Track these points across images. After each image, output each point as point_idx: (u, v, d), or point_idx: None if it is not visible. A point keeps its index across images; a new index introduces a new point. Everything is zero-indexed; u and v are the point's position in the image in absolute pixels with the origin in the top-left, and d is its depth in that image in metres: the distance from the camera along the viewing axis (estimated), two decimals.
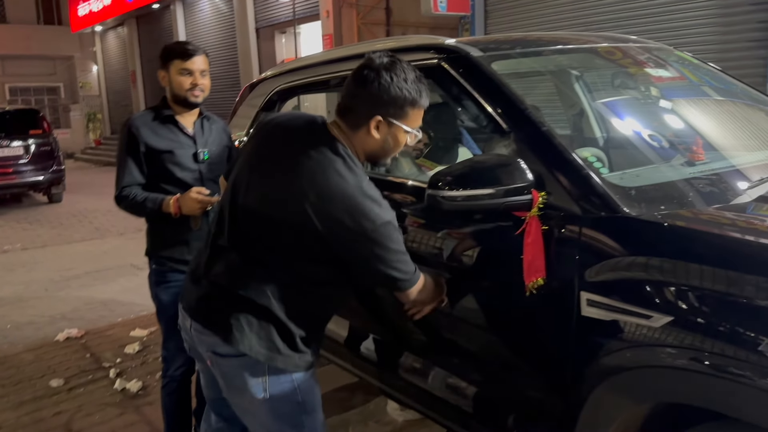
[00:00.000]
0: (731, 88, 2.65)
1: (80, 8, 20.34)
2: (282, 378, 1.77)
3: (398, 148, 1.79)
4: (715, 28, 5.79)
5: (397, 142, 1.75)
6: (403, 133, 1.74)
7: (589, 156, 1.92)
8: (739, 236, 1.54)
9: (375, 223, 1.63)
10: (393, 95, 1.67)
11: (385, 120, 1.69)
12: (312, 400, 1.85)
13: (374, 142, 1.73)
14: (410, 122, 1.74)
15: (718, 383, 1.41)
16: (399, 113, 1.70)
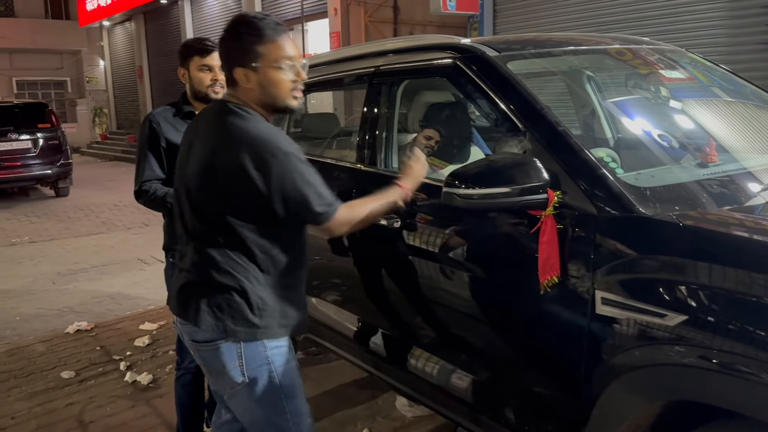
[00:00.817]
0: (743, 91, 2.66)
1: (88, 3, 20.37)
2: (258, 360, 1.82)
3: (282, 87, 1.79)
4: (724, 30, 5.79)
5: (274, 80, 1.78)
6: (272, 70, 1.77)
7: (604, 156, 1.94)
8: (754, 237, 1.55)
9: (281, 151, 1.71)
10: (236, 45, 1.77)
11: (245, 68, 1.76)
12: (290, 384, 1.89)
13: (254, 92, 1.79)
14: (270, 58, 1.76)
15: (732, 381, 1.42)
16: (252, 56, 1.75)
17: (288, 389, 1.89)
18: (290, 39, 1.82)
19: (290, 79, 1.79)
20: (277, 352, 1.86)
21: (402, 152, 2.75)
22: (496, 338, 2.09)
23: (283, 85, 1.79)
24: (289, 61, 1.78)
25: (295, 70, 1.80)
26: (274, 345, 1.85)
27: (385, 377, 2.61)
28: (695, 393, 1.53)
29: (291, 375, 1.90)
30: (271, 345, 1.84)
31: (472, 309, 2.15)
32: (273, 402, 1.88)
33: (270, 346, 1.84)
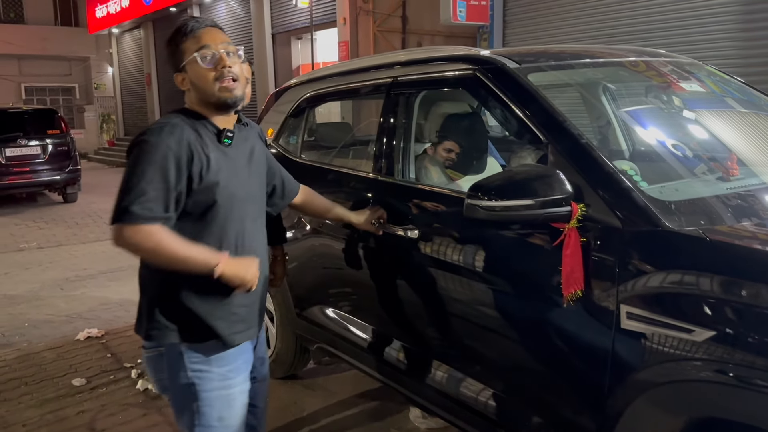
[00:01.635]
0: (760, 103, 2.65)
1: (98, 10, 20.51)
2: (179, 378, 1.79)
3: (206, 80, 1.75)
4: (737, 43, 5.78)
5: (200, 75, 1.76)
6: (192, 65, 1.76)
7: (628, 169, 1.93)
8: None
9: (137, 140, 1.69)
10: (168, 52, 1.82)
11: (179, 72, 1.79)
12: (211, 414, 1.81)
13: (192, 92, 1.79)
14: (188, 53, 1.77)
15: (761, 399, 1.41)
16: (178, 57, 1.78)
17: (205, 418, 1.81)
18: (211, 30, 1.78)
19: (212, 67, 1.74)
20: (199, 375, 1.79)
21: (418, 161, 2.75)
22: (516, 351, 2.08)
23: (205, 77, 1.74)
24: (204, 51, 1.74)
25: (214, 59, 1.74)
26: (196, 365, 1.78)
27: (400, 388, 2.59)
28: (722, 410, 1.51)
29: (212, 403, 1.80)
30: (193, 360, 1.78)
31: (491, 321, 2.13)
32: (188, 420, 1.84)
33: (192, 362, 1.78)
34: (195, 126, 1.74)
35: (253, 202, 1.90)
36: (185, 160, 1.67)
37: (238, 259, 1.76)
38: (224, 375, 1.82)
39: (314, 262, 3.02)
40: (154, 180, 1.62)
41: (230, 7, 15.06)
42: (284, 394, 3.39)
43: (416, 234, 2.33)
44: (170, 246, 1.65)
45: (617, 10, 6.81)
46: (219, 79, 1.73)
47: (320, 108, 3.39)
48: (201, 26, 1.78)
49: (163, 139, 1.65)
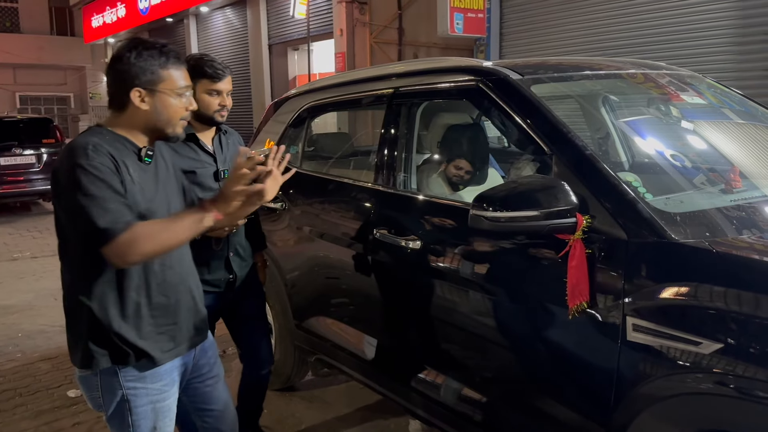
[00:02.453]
0: (759, 116, 2.66)
1: (94, 20, 20.51)
2: (113, 394, 1.80)
3: (175, 114, 1.79)
4: (732, 56, 5.82)
5: (172, 107, 1.78)
6: (171, 95, 1.77)
7: (632, 180, 1.93)
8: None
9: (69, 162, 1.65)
10: (139, 64, 1.74)
11: (145, 89, 1.75)
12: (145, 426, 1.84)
13: (146, 114, 1.76)
14: (171, 84, 1.77)
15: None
16: (153, 78, 1.75)
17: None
18: (186, 70, 1.84)
19: (184, 107, 1.81)
20: (133, 392, 1.81)
21: (420, 172, 2.74)
22: (519, 362, 2.07)
23: (178, 111, 1.80)
24: (189, 91, 1.82)
25: (188, 101, 1.83)
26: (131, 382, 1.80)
27: (400, 400, 2.57)
28: (730, 423, 1.51)
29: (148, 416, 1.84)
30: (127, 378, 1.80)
31: (493, 332, 2.12)
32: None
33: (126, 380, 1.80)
34: (114, 144, 1.74)
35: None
36: (115, 172, 1.69)
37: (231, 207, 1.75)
38: (159, 389, 1.86)
39: (314, 273, 3.01)
40: (107, 195, 1.64)
41: (227, 17, 15.10)
42: (282, 406, 3.36)
43: (418, 245, 2.33)
44: (168, 232, 1.69)
45: (613, 23, 6.86)
46: (184, 118, 1.83)
47: (317, 119, 3.39)
48: (183, 63, 1.83)
49: (93, 159, 1.65)
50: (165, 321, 1.84)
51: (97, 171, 1.64)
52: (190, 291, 1.91)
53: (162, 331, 1.83)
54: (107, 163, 1.67)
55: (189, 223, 1.72)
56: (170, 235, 1.70)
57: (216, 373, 2.09)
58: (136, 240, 1.63)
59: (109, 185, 1.65)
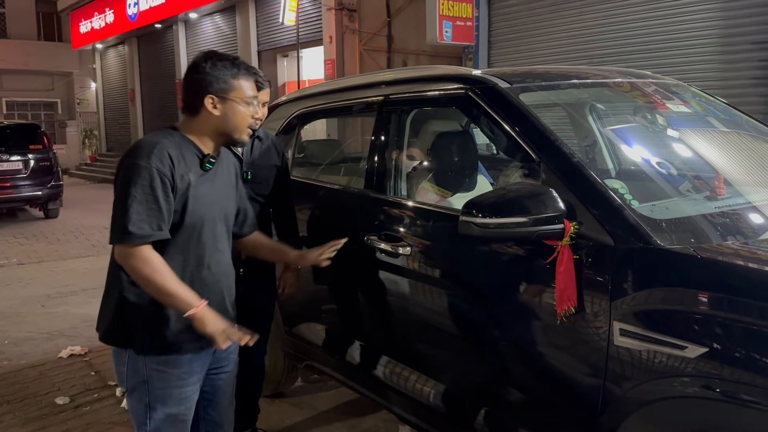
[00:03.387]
0: (744, 124, 2.71)
1: (82, 25, 20.43)
2: (137, 374, 1.92)
3: (244, 123, 1.96)
4: (717, 65, 5.91)
5: (241, 115, 1.95)
6: (240, 103, 1.93)
7: (619, 188, 1.96)
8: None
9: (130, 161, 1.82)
10: (214, 73, 1.91)
11: (218, 97, 1.90)
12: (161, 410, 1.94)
13: (217, 119, 1.92)
14: (241, 93, 1.94)
15: (753, 415, 1.43)
16: (226, 87, 1.91)
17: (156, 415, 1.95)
18: (254, 82, 2.02)
19: (251, 114, 1.97)
20: (154, 374, 1.91)
21: (410, 178, 2.76)
22: (508, 368, 2.08)
23: (246, 118, 1.96)
24: (256, 100, 1.99)
25: (255, 111, 1.99)
26: (153, 364, 1.90)
27: (390, 405, 2.58)
28: (715, 426, 1.53)
29: (165, 400, 1.94)
30: (150, 359, 1.90)
31: (483, 337, 2.14)
32: (139, 422, 1.97)
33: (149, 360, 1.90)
34: (181, 148, 1.89)
35: (225, 223, 2.05)
36: (169, 178, 1.82)
37: (216, 315, 1.88)
38: (178, 376, 1.95)
39: (305, 279, 3.01)
40: (146, 201, 1.78)
41: (216, 24, 15.10)
42: (272, 413, 3.35)
43: (408, 251, 2.34)
44: (162, 278, 1.81)
45: (600, 32, 6.95)
46: (250, 126, 1.99)
47: (307, 126, 3.41)
48: (252, 75, 2.01)
49: (153, 162, 1.80)
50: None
51: (151, 176, 1.79)
52: (221, 292, 2.03)
53: (190, 324, 1.89)
54: (164, 169, 1.81)
55: (176, 296, 1.83)
56: (161, 284, 1.81)
57: (231, 369, 2.20)
58: (141, 259, 1.79)
59: (154, 192, 1.79)
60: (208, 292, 1.95)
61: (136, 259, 1.80)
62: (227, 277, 2.07)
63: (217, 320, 1.88)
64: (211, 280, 1.98)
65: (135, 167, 1.79)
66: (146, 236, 1.79)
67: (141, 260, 1.80)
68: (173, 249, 1.89)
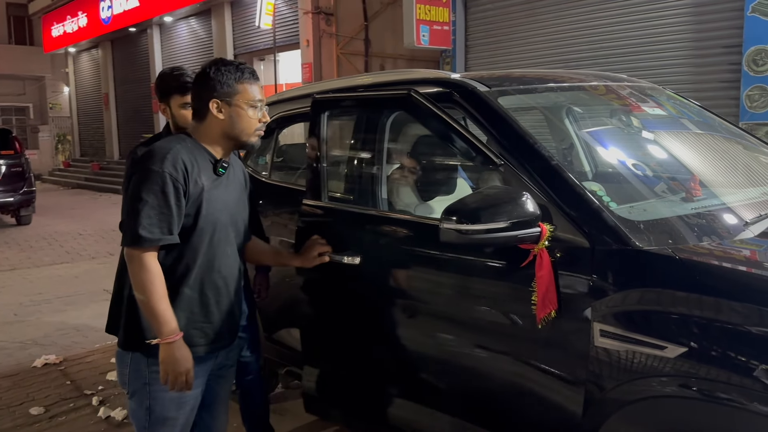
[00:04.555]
0: (718, 126, 2.75)
1: (54, 29, 20.15)
2: (139, 376, 1.94)
3: (250, 126, 1.97)
4: (689, 68, 6.02)
5: (246, 118, 1.96)
6: (245, 106, 1.95)
7: (597, 190, 1.97)
8: (750, 270, 1.60)
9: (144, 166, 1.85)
10: (216, 80, 1.94)
11: (221, 101, 1.93)
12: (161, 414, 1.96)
13: (224, 123, 1.95)
14: (246, 96, 1.95)
15: (733, 414, 1.45)
16: (229, 91, 1.93)
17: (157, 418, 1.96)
18: (260, 85, 2.02)
19: (257, 118, 1.98)
20: (156, 376, 1.90)
21: (390, 182, 2.75)
22: (492, 372, 2.08)
23: (251, 122, 1.97)
24: (262, 104, 1.99)
25: (262, 114, 2.00)
26: (155, 366, 1.89)
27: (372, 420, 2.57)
28: (694, 425, 1.55)
29: (165, 405, 1.95)
30: (152, 361, 1.90)
31: (463, 342, 2.14)
32: (139, 425, 1.99)
33: (152, 362, 1.91)
34: (194, 154, 1.92)
35: (235, 228, 2.06)
36: (182, 184, 1.85)
37: (184, 356, 1.87)
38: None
39: (284, 284, 2.99)
40: (158, 206, 1.82)
41: (191, 27, 14.99)
42: None
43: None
44: (154, 290, 1.83)
45: (575, 36, 7.03)
46: (258, 129, 2.00)
47: (285, 130, 3.39)
48: (257, 79, 2.01)
49: (166, 168, 1.83)
50: (201, 318, 1.97)
51: (163, 181, 1.82)
52: (229, 296, 2.04)
53: (196, 327, 1.95)
54: (176, 174, 1.84)
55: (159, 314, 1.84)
56: (149, 295, 1.83)
57: (230, 374, 2.22)
58: (143, 266, 1.83)
59: (166, 198, 1.82)
60: (218, 295, 1.99)
61: (139, 264, 1.83)
62: (237, 282, 2.09)
63: (187, 359, 1.87)
64: (222, 283, 2.01)
65: (148, 172, 1.83)
66: (156, 240, 1.83)
67: (143, 267, 1.83)
68: (187, 252, 1.92)
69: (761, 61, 5.37)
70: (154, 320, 1.84)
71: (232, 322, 2.08)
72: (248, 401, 2.84)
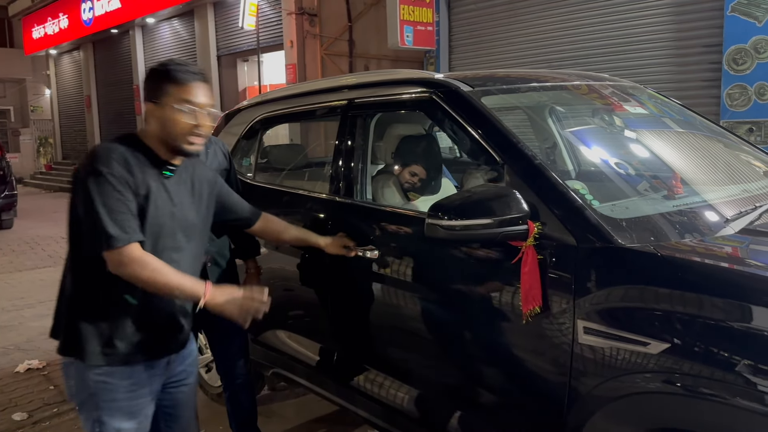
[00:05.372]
0: (698, 125, 2.79)
1: (35, 31, 19.92)
2: (84, 387, 1.85)
3: (180, 128, 1.82)
4: (670, 68, 6.07)
5: (175, 121, 1.82)
6: (173, 110, 1.81)
7: (580, 188, 1.99)
8: (731, 266, 1.62)
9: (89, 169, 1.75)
10: (150, 80, 1.86)
11: (150, 102, 1.84)
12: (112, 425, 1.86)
13: (155, 126, 1.85)
14: (175, 98, 1.81)
15: (714, 408, 1.47)
16: (158, 92, 1.82)
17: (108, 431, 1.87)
18: (205, 88, 1.87)
19: (190, 122, 1.83)
20: (102, 386, 1.83)
21: (375, 182, 2.76)
22: (476, 368, 2.10)
23: (181, 126, 1.83)
24: (192, 106, 1.83)
25: (198, 117, 1.84)
26: (100, 376, 1.83)
27: (359, 410, 2.57)
28: (677, 421, 1.56)
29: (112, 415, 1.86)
30: (97, 372, 1.83)
31: (449, 339, 2.15)
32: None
33: (96, 373, 1.83)
34: (137, 154, 1.83)
35: (186, 233, 1.94)
36: (130, 182, 1.77)
37: (230, 294, 1.85)
38: (127, 388, 1.87)
39: (270, 286, 2.98)
40: (115, 205, 1.74)
41: (174, 28, 14.88)
42: None
43: (375, 254, 2.34)
44: (164, 276, 1.77)
45: (558, 36, 7.07)
46: (189, 134, 1.84)
47: (269, 131, 3.38)
48: (194, 79, 1.85)
49: (113, 167, 1.75)
50: (145, 324, 1.87)
51: (114, 179, 1.74)
52: (176, 303, 1.95)
53: (140, 333, 1.86)
54: (123, 173, 1.76)
55: (183, 288, 1.80)
56: (164, 281, 1.77)
57: (191, 381, 2.12)
58: (136, 261, 1.74)
59: (121, 195, 1.74)
60: (160, 299, 1.87)
61: (134, 263, 1.74)
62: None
63: (234, 294, 1.85)
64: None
65: (96, 173, 1.74)
66: (131, 233, 1.74)
67: (138, 264, 1.74)
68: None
69: (741, 60, 5.44)
70: (185, 295, 1.82)
71: (179, 326, 1.98)
72: (236, 404, 2.83)
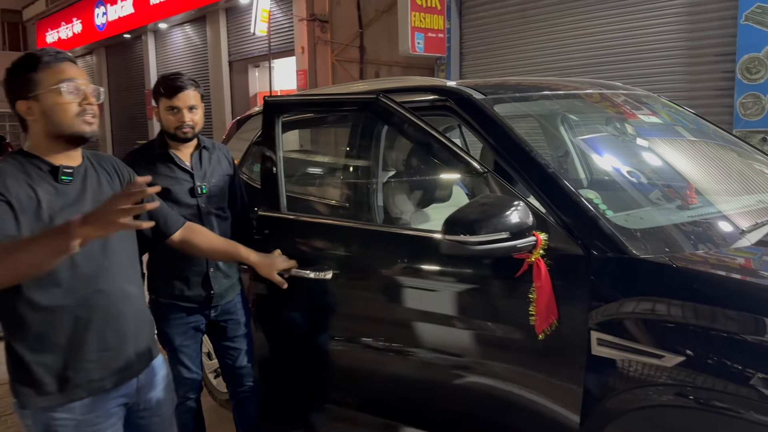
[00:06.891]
0: (712, 134, 2.76)
1: (48, 35, 20.12)
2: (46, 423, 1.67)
3: (67, 112, 1.66)
4: (683, 77, 6.03)
5: (60, 106, 1.65)
6: (52, 94, 1.65)
7: (593, 198, 1.97)
8: (747, 279, 1.60)
9: None
10: (13, 78, 1.68)
11: (26, 100, 1.66)
12: None
13: (39, 124, 1.67)
14: (48, 83, 1.65)
15: (730, 423, 1.45)
16: (29, 85, 1.66)
17: None
18: (72, 65, 1.71)
19: (75, 101, 1.67)
20: (62, 423, 1.67)
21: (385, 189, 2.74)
22: (486, 381, 2.07)
23: (67, 108, 1.66)
24: (70, 83, 1.66)
25: (81, 93, 1.68)
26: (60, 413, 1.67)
27: None
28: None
29: None
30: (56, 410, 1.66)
31: (459, 352, 2.12)
32: None
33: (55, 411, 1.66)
34: (25, 167, 1.67)
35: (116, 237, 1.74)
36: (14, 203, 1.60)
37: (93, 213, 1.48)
38: (91, 421, 1.72)
39: None
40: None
41: (186, 34, 14.97)
42: None
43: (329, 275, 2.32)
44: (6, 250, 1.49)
45: (569, 44, 7.04)
46: (80, 114, 1.68)
47: None
48: (61, 60, 1.69)
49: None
50: (94, 348, 1.71)
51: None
52: (123, 317, 1.76)
53: (90, 360, 1.70)
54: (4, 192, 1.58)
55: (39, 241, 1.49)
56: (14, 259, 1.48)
57: (164, 412, 1.95)
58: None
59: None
60: (105, 318, 1.71)
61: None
62: (127, 301, 1.78)
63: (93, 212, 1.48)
64: (106, 302, 1.72)
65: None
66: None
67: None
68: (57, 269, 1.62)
69: (755, 69, 5.39)
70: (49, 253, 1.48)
71: (133, 346, 1.80)
72: (242, 412, 2.81)
